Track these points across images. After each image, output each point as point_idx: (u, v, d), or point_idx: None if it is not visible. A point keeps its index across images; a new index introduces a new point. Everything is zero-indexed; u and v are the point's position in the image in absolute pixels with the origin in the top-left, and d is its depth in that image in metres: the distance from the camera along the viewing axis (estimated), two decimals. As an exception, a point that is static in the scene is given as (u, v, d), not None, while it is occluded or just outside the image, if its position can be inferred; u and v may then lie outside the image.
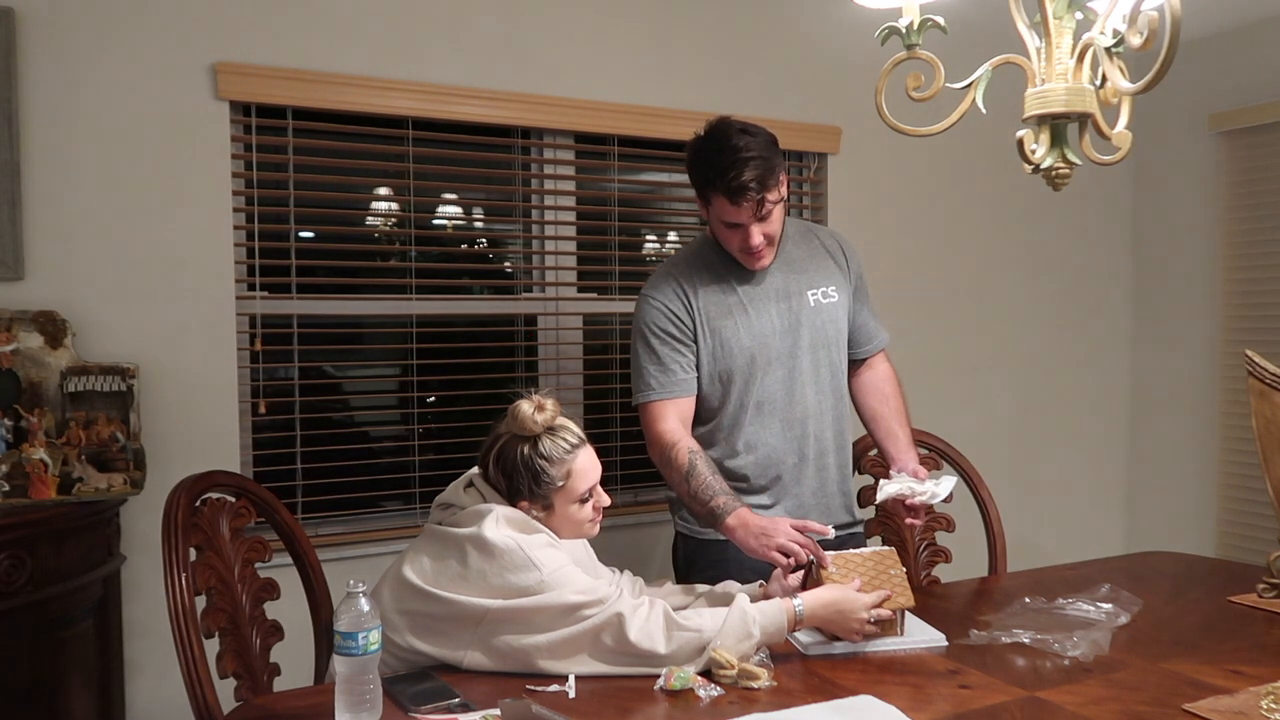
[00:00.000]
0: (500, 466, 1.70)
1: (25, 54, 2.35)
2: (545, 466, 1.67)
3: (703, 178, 1.96)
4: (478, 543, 1.60)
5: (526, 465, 1.68)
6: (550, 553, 1.61)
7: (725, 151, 1.90)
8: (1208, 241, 3.88)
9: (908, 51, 1.44)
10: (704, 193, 1.98)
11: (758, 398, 2.04)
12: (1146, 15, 1.13)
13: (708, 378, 2.05)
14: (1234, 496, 3.82)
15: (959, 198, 3.76)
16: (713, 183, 1.93)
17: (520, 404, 1.72)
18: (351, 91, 2.70)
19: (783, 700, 1.46)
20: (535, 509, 1.69)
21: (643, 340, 2.05)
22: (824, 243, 2.18)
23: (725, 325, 2.03)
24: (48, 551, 2.11)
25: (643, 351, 2.05)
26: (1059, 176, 1.34)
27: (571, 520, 1.72)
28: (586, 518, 1.74)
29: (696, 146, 1.98)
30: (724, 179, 1.90)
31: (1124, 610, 1.83)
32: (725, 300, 2.05)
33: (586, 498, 1.72)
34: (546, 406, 1.72)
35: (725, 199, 1.92)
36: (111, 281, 2.45)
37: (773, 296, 2.06)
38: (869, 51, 1.90)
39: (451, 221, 3.06)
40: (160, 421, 2.48)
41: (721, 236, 2.02)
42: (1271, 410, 1.92)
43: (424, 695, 1.45)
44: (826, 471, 2.11)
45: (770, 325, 2.05)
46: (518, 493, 1.69)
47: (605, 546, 3.13)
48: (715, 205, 1.96)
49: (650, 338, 2.04)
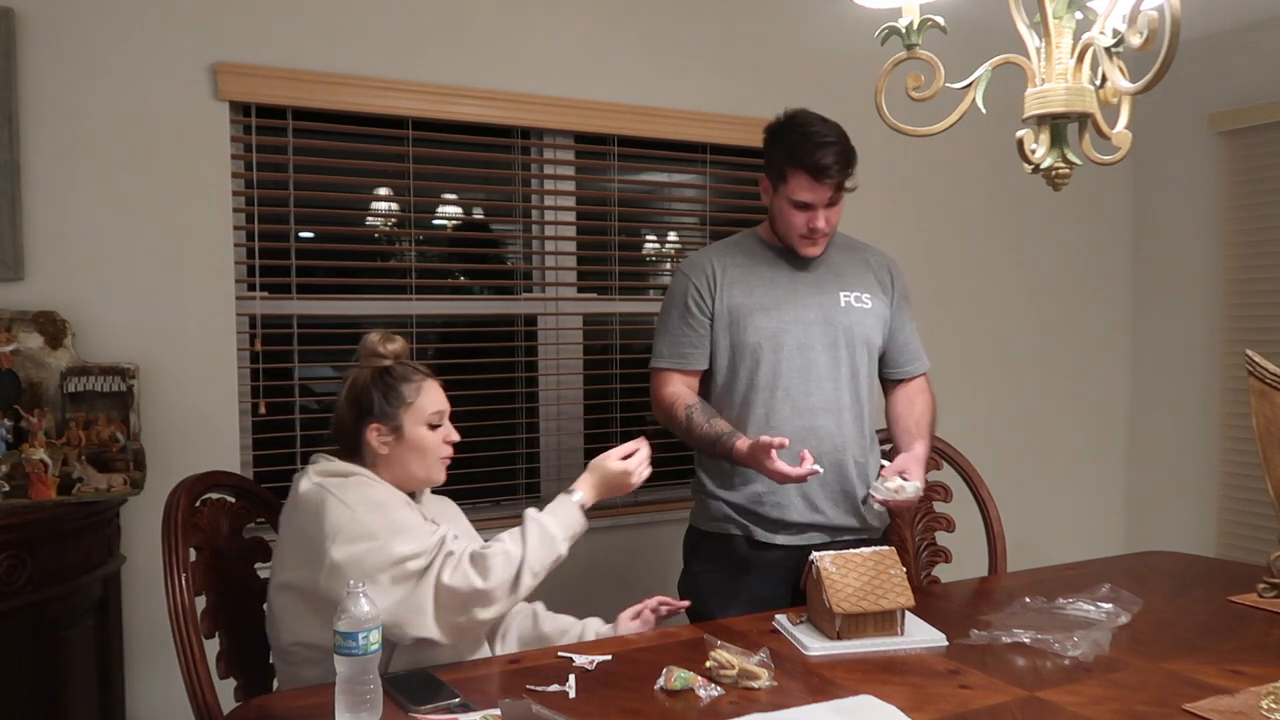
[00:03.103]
0: (349, 397, 1.72)
1: (25, 54, 2.35)
2: (395, 383, 1.71)
3: (786, 154, 2.01)
4: (291, 506, 1.63)
5: (376, 383, 1.71)
6: (365, 491, 1.61)
7: (811, 133, 1.98)
8: (1208, 241, 3.88)
9: (908, 51, 1.44)
10: (783, 170, 2.02)
11: (770, 381, 2.07)
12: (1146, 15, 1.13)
13: (725, 355, 2.11)
14: (1234, 496, 3.82)
15: (959, 198, 3.76)
16: (798, 160, 1.98)
17: (368, 334, 1.77)
18: (351, 91, 2.70)
19: (783, 700, 1.46)
20: (385, 433, 1.69)
21: (666, 310, 2.17)
22: (869, 258, 2.23)
23: (747, 305, 2.08)
24: (48, 551, 2.11)
25: (664, 320, 2.16)
26: (1059, 176, 1.34)
27: (422, 447, 1.71)
28: (437, 449, 1.73)
29: (780, 126, 2.05)
30: (810, 157, 1.96)
31: (1124, 610, 1.83)
32: (753, 284, 2.11)
33: (437, 424, 1.73)
34: (396, 339, 1.77)
35: (807, 177, 1.98)
36: (111, 281, 2.45)
37: (803, 289, 2.11)
38: (869, 51, 1.90)
39: (451, 221, 3.06)
40: (160, 421, 2.48)
41: (785, 218, 2.07)
42: (1271, 410, 1.92)
43: (424, 695, 1.45)
44: (842, 469, 2.10)
45: (794, 314, 2.08)
46: (367, 415, 1.69)
47: (605, 547, 3.15)
48: (792, 183, 2.01)
49: (672, 309, 2.15)
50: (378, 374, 1.72)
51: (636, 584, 3.15)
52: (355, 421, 1.71)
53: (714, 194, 3.35)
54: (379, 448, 1.70)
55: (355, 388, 1.72)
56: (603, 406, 3.19)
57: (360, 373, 1.74)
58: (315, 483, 1.62)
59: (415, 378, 1.73)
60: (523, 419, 3.12)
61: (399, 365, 1.74)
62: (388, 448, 1.70)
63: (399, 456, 1.70)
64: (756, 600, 2.03)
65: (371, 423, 1.69)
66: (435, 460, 1.74)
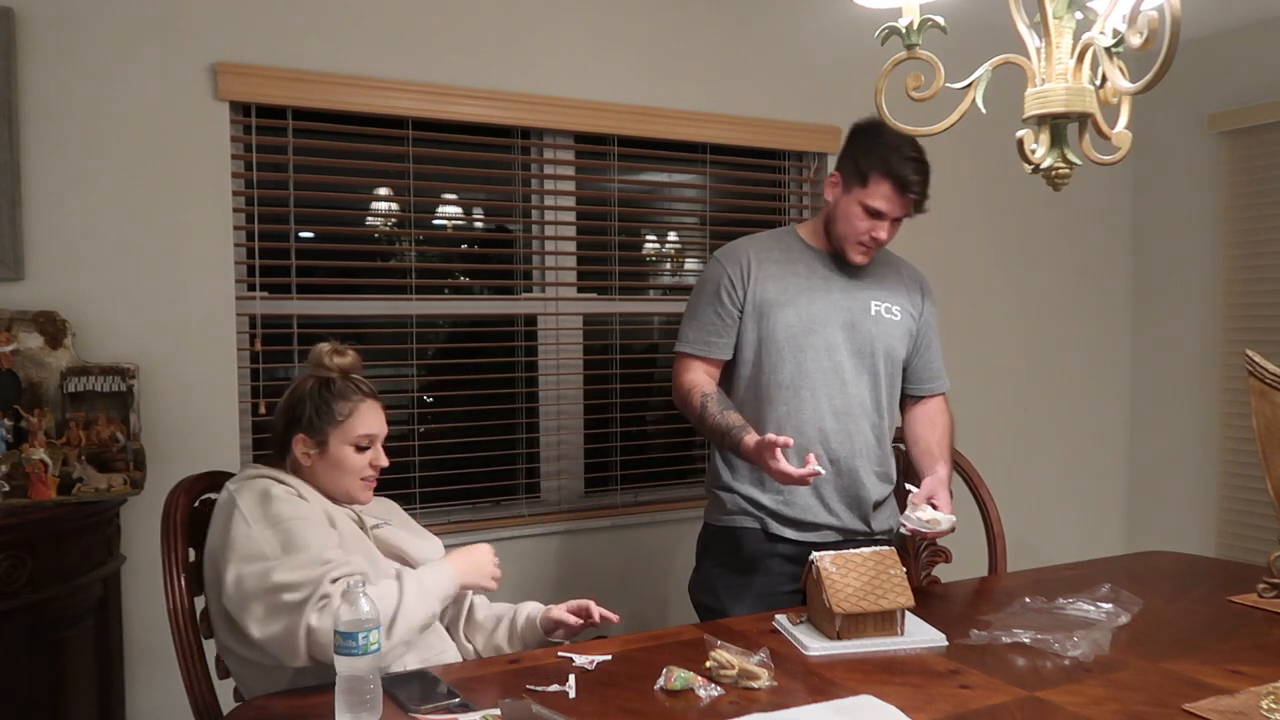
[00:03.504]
0: (286, 403, 1.71)
1: (25, 54, 2.35)
2: (330, 399, 1.69)
3: (880, 159, 2.01)
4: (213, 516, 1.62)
5: (312, 396, 1.69)
6: (269, 507, 1.57)
7: (904, 146, 2.00)
8: (1208, 241, 3.88)
9: (908, 51, 1.43)
10: (866, 174, 2.02)
11: (794, 379, 2.07)
12: (1146, 15, 1.13)
13: (751, 348, 2.11)
14: (1234, 496, 3.82)
15: (959, 198, 3.75)
16: (890, 167, 1.99)
17: (320, 345, 1.75)
18: (351, 91, 2.70)
19: (783, 700, 1.46)
20: (309, 445, 1.68)
21: (696, 296, 2.17)
22: (904, 272, 2.26)
23: (779, 300, 2.09)
24: (48, 551, 2.11)
25: (693, 305, 2.16)
26: (1059, 176, 1.34)
27: (342, 467, 1.69)
28: (359, 470, 1.70)
29: (872, 130, 2.04)
30: (900, 169, 1.99)
31: (1124, 610, 1.83)
32: (787, 279, 2.11)
33: (365, 445, 1.71)
34: (347, 353, 1.74)
35: (893, 186, 2.00)
36: (111, 281, 2.45)
37: (836, 292, 2.12)
38: (869, 51, 1.90)
39: (451, 221, 3.06)
40: (160, 421, 2.48)
41: (849, 220, 2.07)
42: (1271, 410, 1.92)
43: (424, 695, 1.45)
44: (856, 475, 2.11)
45: (822, 314, 2.09)
46: (296, 425, 1.68)
47: (605, 547, 3.15)
48: (872, 188, 2.02)
49: (703, 295, 2.15)
50: (318, 385, 1.71)
51: (637, 584, 3.16)
52: (285, 428, 1.70)
53: (714, 194, 3.35)
54: (301, 458, 1.69)
55: (294, 394, 1.72)
56: (603, 406, 3.19)
57: (304, 380, 1.73)
58: (229, 493, 1.61)
59: (354, 397, 1.71)
60: (523, 419, 3.12)
61: (341, 381, 1.72)
62: (309, 460, 1.69)
63: (319, 470, 1.69)
64: (767, 595, 2.06)
65: (299, 432, 1.68)
66: (355, 481, 1.70)
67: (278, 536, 1.54)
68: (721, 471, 2.17)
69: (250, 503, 1.58)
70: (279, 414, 1.72)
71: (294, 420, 1.69)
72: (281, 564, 1.51)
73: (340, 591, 1.45)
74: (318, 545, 1.54)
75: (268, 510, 1.57)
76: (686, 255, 3.44)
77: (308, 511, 1.60)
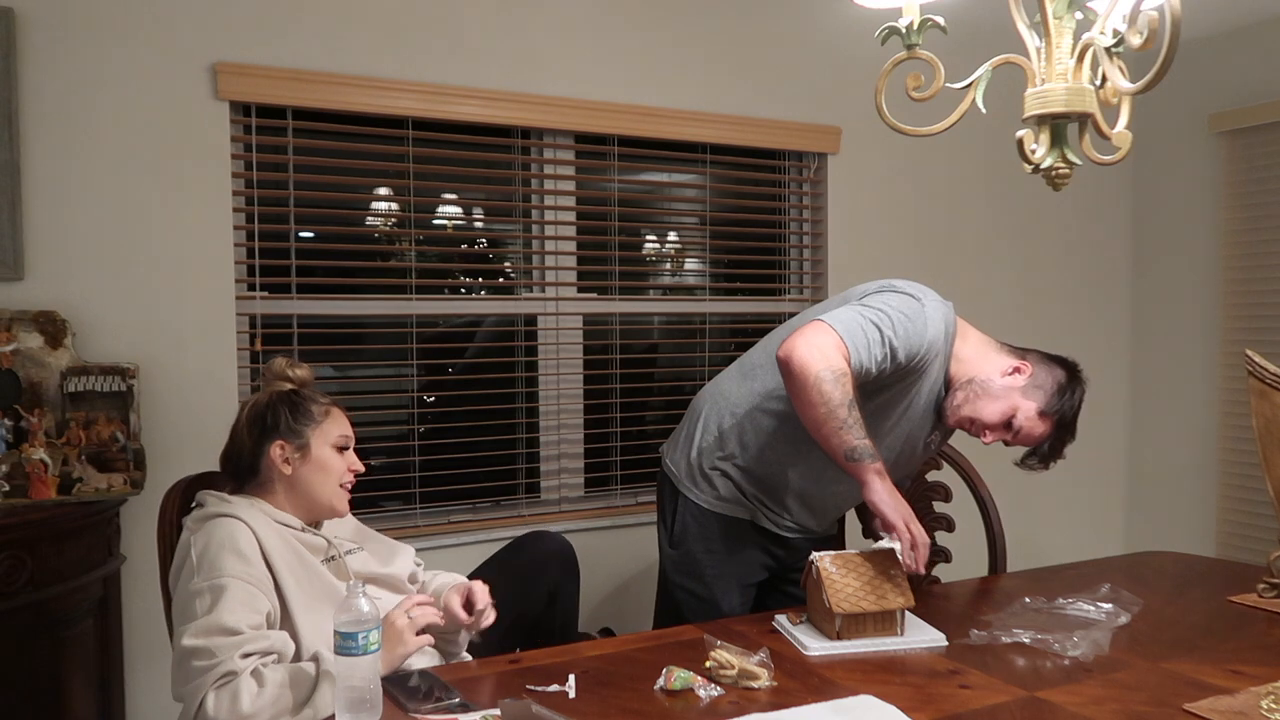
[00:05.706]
0: (251, 417, 1.67)
1: (25, 54, 2.35)
2: (303, 402, 1.68)
3: (1069, 409, 2.08)
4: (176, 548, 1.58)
5: (284, 401, 1.67)
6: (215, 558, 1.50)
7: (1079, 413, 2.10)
8: (1208, 241, 3.88)
9: (908, 51, 1.43)
10: (1050, 412, 2.08)
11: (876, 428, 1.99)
12: (1146, 15, 1.13)
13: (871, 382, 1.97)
14: (1234, 496, 3.81)
15: (959, 198, 3.76)
16: (1064, 420, 2.08)
17: (276, 359, 1.74)
18: (351, 91, 2.70)
19: (783, 700, 1.46)
20: (290, 450, 1.64)
21: (879, 315, 1.96)
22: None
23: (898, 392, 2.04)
24: (48, 551, 2.11)
25: (872, 319, 1.95)
26: (1059, 176, 1.33)
27: (327, 469, 1.66)
28: (340, 472, 1.68)
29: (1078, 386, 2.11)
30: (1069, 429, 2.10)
31: (1124, 610, 1.83)
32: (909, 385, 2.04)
33: (344, 446, 1.69)
34: (303, 366, 1.74)
35: (1050, 431, 2.10)
36: (111, 281, 2.45)
37: (919, 412, 2.10)
38: (869, 51, 1.90)
39: (451, 221, 3.06)
40: (160, 421, 2.48)
41: (996, 418, 2.10)
42: (1271, 410, 1.92)
43: (424, 695, 1.45)
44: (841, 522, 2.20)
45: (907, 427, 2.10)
46: (272, 433, 1.64)
47: (605, 547, 3.15)
48: (1043, 426, 2.09)
49: (883, 318, 1.95)
50: (283, 395, 1.69)
51: (637, 584, 3.16)
52: (257, 440, 1.65)
53: (714, 194, 3.35)
54: (282, 466, 1.64)
55: (258, 407, 1.68)
56: (603, 406, 3.19)
57: (261, 395, 1.71)
58: (186, 534, 1.57)
59: (323, 400, 1.71)
60: (523, 419, 3.12)
61: (306, 390, 1.71)
62: (291, 466, 1.65)
63: (302, 477, 1.65)
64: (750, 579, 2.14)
65: (277, 439, 1.64)
66: (336, 487, 1.68)
67: (210, 595, 1.47)
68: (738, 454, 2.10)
69: (201, 547, 1.53)
70: (244, 430, 1.67)
71: (267, 429, 1.65)
72: (197, 627, 1.44)
73: (249, 670, 1.40)
74: (242, 613, 1.46)
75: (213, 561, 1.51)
76: (686, 255, 3.44)
77: (249, 573, 1.51)
